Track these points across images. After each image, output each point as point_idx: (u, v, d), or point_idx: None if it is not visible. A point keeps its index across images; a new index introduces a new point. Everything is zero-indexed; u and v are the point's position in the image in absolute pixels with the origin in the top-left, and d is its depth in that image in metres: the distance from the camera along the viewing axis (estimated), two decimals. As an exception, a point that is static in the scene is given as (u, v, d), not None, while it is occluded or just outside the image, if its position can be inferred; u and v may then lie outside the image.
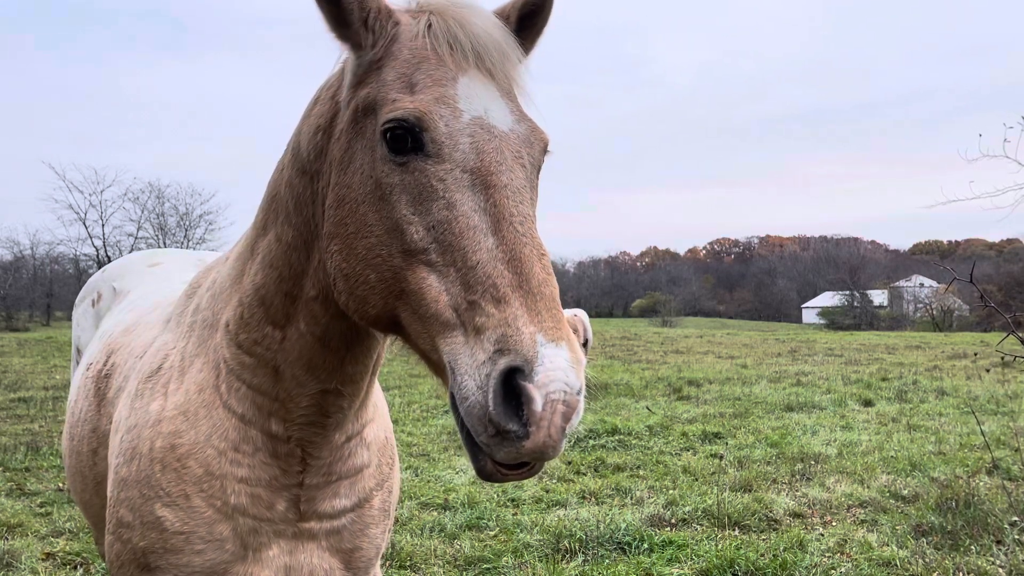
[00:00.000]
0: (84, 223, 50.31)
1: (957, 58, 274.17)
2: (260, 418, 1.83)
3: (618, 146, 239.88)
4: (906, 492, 7.12)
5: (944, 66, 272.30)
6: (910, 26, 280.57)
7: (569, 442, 9.52)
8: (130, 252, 6.06)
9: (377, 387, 2.09)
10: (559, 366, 1.31)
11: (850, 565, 5.37)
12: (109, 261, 17.10)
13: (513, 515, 6.55)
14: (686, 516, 6.43)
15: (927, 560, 5.34)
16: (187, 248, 20.90)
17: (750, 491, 7.19)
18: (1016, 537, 5.70)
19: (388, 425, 2.11)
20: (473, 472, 7.42)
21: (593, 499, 7.09)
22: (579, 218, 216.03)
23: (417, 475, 7.88)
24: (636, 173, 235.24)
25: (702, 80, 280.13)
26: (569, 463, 8.50)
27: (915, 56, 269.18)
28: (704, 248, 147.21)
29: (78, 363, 3.25)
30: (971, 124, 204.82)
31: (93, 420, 2.36)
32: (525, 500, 7.01)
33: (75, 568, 5.28)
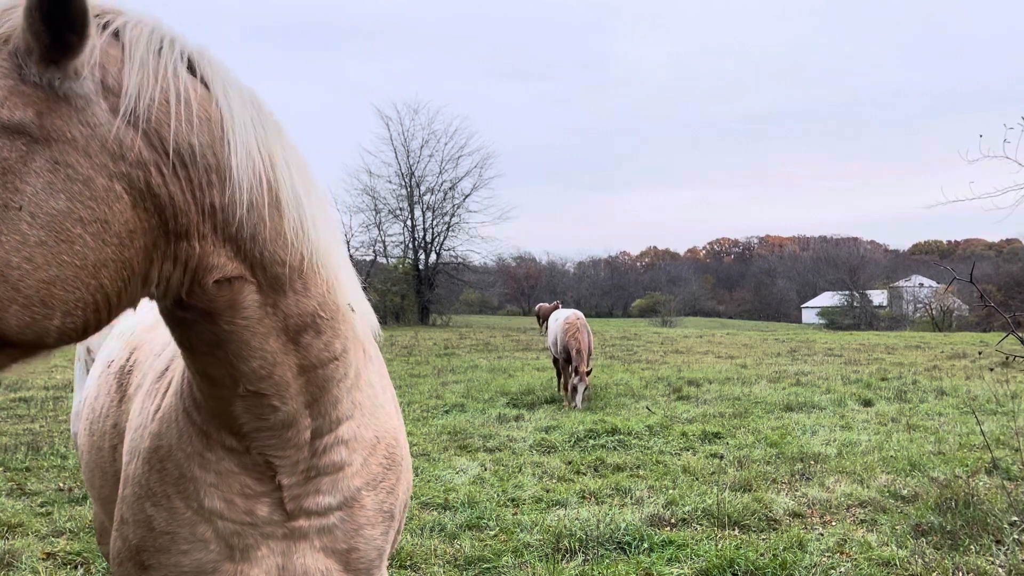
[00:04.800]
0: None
1: (930, 58, 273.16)
2: (214, 431, 1.81)
3: (606, 145, 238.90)
4: (906, 492, 7.13)
5: (918, 66, 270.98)
6: (880, 26, 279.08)
7: (570, 441, 9.55)
8: None
9: (375, 386, 2.03)
10: None
11: (850, 565, 5.37)
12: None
13: (513, 515, 6.56)
14: (686, 516, 6.44)
15: (927, 560, 5.35)
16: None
17: (750, 491, 7.20)
18: (1016, 537, 5.71)
19: (386, 426, 2.04)
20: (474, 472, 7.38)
21: (593, 499, 7.10)
22: (577, 218, 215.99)
23: (417, 475, 7.88)
24: (627, 172, 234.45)
25: (674, 77, 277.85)
26: (569, 463, 8.52)
27: (889, 56, 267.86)
28: (704, 248, 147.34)
29: (86, 362, 3.27)
30: (953, 124, 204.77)
31: (114, 416, 2.38)
32: (525, 500, 7.03)
33: (75, 568, 5.29)
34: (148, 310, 2.54)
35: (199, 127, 1.48)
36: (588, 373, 12.67)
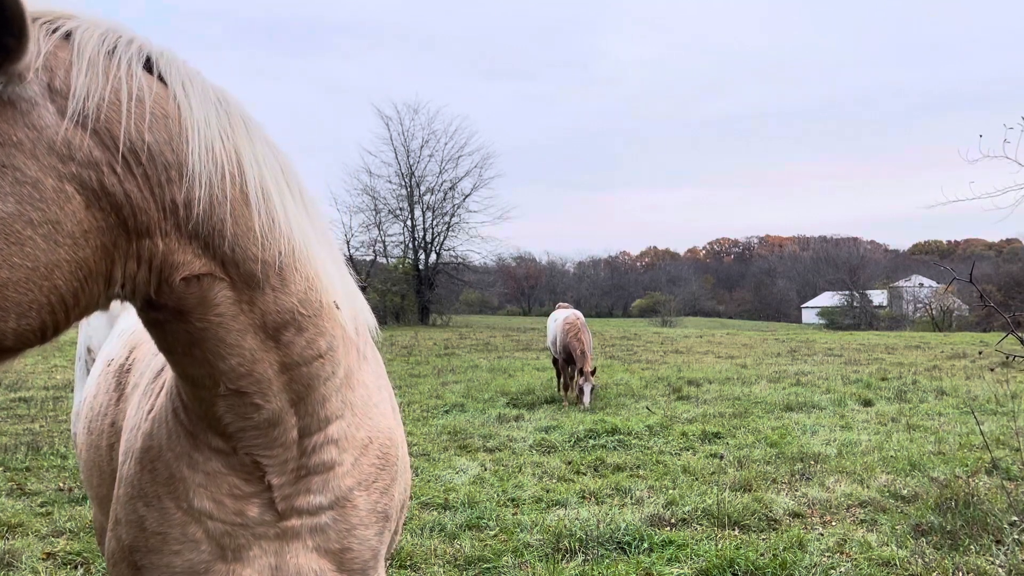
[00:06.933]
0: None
1: (931, 57, 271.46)
2: (201, 432, 1.81)
3: (604, 144, 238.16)
4: (906, 492, 7.14)
5: (918, 65, 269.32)
6: (880, 24, 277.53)
7: (570, 441, 9.56)
8: None
9: (368, 386, 2.00)
10: None
11: (850, 565, 5.38)
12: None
13: (513, 515, 6.56)
14: (686, 516, 6.44)
15: (927, 560, 5.35)
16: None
17: (750, 491, 7.21)
18: (1016, 537, 5.71)
19: (379, 426, 2.01)
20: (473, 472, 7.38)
21: (593, 499, 7.10)
22: (577, 218, 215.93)
23: (417, 475, 7.88)
24: (626, 172, 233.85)
25: (672, 76, 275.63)
26: (569, 463, 8.52)
27: (889, 54, 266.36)
28: (704, 248, 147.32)
29: (87, 362, 3.27)
30: (954, 124, 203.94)
31: (112, 414, 2.38)
32: (525, 500, 7.03)
33: (76, 568, 5.29)
34: None
35: (154, 124, 1.47)
36: (593, 372, 12.67)
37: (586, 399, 12.47)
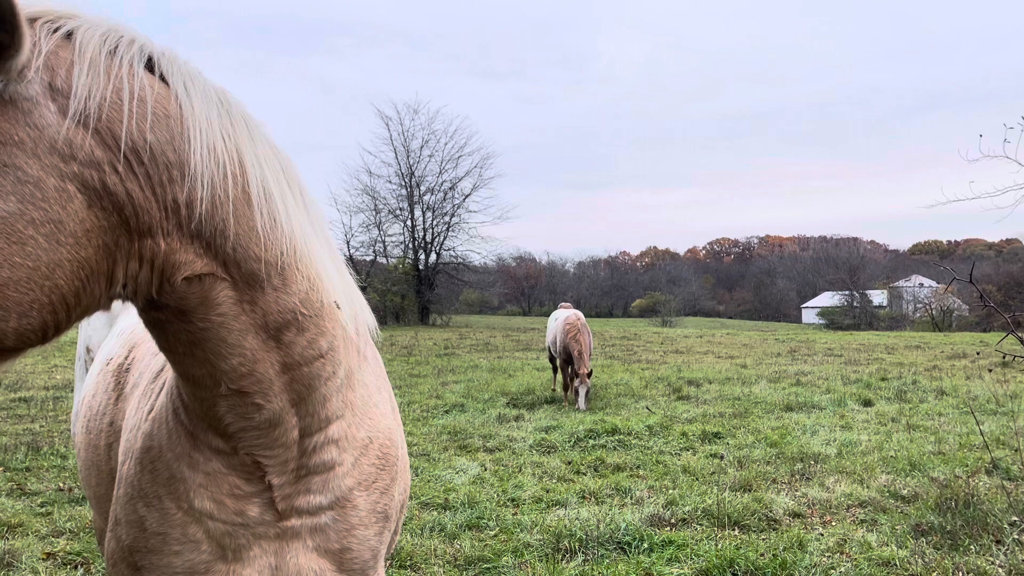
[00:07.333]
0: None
1: (932, 56, 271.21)
2: (201, 433, 1.81)
3: (603, 144, 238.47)
4: (905, 492, 7.13)
5: (918, 64, 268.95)
6: (880, 23, 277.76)
7: (570, 441, 9.55)
8: None
9: (368, 386, 2.01)
10: None
11: (850, 565, 5.37)
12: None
13: (513, 515, 6.56)
14: (686, 516, 6.44)
15: (926, 560, 5.35)
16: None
17: (750, 491, 7.21)
18: (1016, 537, 5.71)
19: (379, 426, 2.02)
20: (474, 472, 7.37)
21: (593, 499, 7.10)
22: (577, 218, 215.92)
23: (417, 475, 7.89)
24: (626, 172, 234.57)
25: (657, 76, 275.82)
26: (569, 463, 8.52)
27: (891, 54, 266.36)
28: (704, 248, 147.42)
29: (86, 362, 3.28)
30: (953, 124, 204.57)
31: (111, 413, 2.38)
32: (525, 500, 7.03)
33: (76, 568, 5.29)
34: None
35: (156, 123, 1.47)
36: (589, 375, 12.65)
37: (581, 402, 12.44)
